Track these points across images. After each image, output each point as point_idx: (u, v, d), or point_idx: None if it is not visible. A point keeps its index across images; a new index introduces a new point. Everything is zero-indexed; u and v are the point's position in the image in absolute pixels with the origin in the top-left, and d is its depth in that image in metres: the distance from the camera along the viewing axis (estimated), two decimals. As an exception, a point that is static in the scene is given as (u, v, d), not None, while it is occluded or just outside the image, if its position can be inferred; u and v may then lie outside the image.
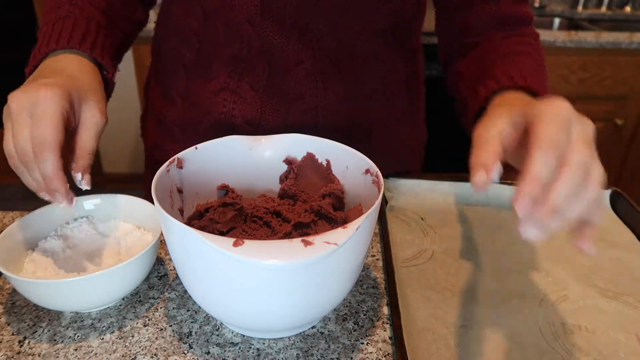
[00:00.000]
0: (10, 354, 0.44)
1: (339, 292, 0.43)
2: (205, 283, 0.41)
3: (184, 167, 0.50)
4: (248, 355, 0.44)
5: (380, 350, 0.45)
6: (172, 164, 0.49)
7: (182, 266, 0.42)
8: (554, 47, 1.73)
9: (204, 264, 0.39)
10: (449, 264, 0.55)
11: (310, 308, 0.42)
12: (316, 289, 0.40)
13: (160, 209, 0.40)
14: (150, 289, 0.52)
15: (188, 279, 0.43)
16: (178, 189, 0.50)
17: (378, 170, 0.47)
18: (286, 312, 0.41)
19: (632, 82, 1.81)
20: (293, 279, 0.38)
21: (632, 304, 0.50)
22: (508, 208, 0.65)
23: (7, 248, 0.49)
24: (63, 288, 0.44)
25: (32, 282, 0.44)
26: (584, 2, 2.22)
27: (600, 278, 0.53)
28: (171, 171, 0.49)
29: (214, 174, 0.54)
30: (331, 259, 0.37)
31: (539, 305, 0.49)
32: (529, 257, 0.56)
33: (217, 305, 0.42)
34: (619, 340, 0.46)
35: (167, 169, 0.48)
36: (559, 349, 0.44)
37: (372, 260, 0.57)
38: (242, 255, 0.34)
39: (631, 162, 1.99)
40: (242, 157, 0.54)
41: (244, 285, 0.39)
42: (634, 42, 1.72)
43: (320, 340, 0.46)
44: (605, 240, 0.60)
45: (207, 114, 0.64)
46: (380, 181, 0.46)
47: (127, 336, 0.46)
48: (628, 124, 1.89)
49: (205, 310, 0.47)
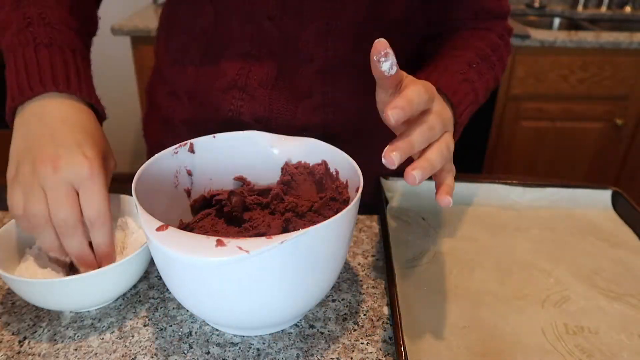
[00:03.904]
0: (10, 354, 0.44)
1: (269, 302, 0.41)
2: (164, 271, 0.43)
3: (197, 152, 0.53)
4: (248, 355, 0.44)
5: (380, 350, 0.45)
6: (182, 147, 0.51)
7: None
8: (554, 47, 1.73)
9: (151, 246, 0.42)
10: (450, 265, 0.55)
11: (243, 310, 0.41)
12: (235, 293, 0.39)
13: (134, 190, 0.42)
14: (150, 289, 0.52)
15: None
16: (188, 171, 0.53)
17: (360, 189, 0.44)
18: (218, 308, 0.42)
19: (632, 82, 1.81)
20: (204, 276, 0.39)
21: (634, 305, 0.50)
22: (509, 208, 0.65)
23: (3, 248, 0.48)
24: (60, 288, 0.44)
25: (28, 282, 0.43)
26: (584, 2, 2.22)
27: (602, 278, 0.53)
28: (180, 153, 0.51)
29: (231, 164, 0.55)
30: (245, 265, 0.37)
31: (541, 306, 0.49)
32: (531, 257, 0.56)
33: (169, 287, 0.44)
34: (621, 340, 0.46)
35: (175, 151, 0.51)
36: (561, 350, 0.44)
37: (372, 260, 0.57)
38: (158, 240, 0.36)
39: (631, 162, 1.99)
40: (261, 152, 0.55)
41: (172, 273, 0.41)
42: (634, 42, 1.72)
43: (320, 340, 0.46)
44: (606, 241, 0.60)
45: (215, 111, 0.64)
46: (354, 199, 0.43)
47: (127, 336, 0.46)
48: (628, 124, 1.89)
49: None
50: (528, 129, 1.89)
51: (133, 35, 1.74)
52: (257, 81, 0.62)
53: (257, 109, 0.63)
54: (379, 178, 0.67)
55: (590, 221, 0.63)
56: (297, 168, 0.54)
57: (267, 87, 0.62)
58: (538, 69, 1.78)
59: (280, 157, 0.55)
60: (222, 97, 0.63)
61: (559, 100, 1.84)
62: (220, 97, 0.63)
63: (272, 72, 0.61)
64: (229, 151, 0.54)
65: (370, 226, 0.63)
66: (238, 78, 0.62)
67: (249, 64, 0.62)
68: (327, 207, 0.52)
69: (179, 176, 0.52)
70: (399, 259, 0.55)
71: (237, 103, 0.63)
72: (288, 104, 0.62)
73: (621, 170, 2.02)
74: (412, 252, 0.57)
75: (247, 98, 0.62)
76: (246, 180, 0.56)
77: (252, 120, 0.63)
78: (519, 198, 0.66)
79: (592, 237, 0.60)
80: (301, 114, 0.63)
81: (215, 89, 0.63)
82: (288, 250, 0.37)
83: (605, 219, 0.64)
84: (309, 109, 0.63)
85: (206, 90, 0.64)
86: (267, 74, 0.61)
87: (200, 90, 0.65)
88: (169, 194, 0.51)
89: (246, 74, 0.62)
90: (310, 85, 0.62)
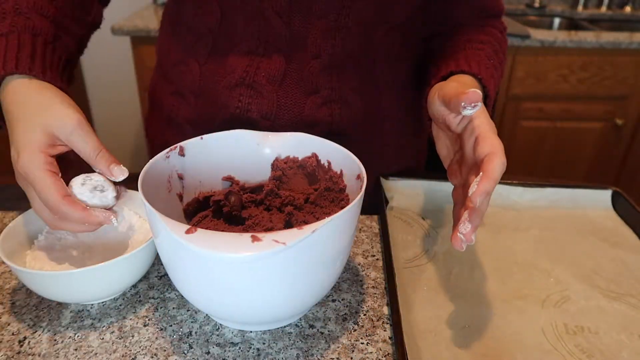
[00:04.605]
0: (10, 354, 0.44)
1: (300, 293, 0.43)
2: (172, 267, 0.43)
3: (186, 155, 0.52)
4: (248, 355, 0.44)
5: (380, 350, 0.45)
6: (173, 150, 0.51)
7: (158, 250, 0.45)
8: (554, 47, 1.73)
9: (166, 246, 0.41)
10: (450, 265, 0.55)
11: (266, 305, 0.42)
12: (269, 287, 0.40)
13: (142, 196, 0.42)
14: (150, 289, 0.52)
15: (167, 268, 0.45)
16: (179, 175, 0.52)
17: (365, 177, 0.46)
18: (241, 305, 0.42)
19: (632, 82, 1.81)
20: (238, 273, 0.39)
21: (634, 305, 0.50)
22: (509, 208, 0.65)
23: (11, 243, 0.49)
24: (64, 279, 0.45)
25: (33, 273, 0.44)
26: (584, 2, 2.22)
27: (602, 278, 0.53)
28: (171, 157, 0.51)
29: (219, 164, 0.55)
30: (279, 258, 0.37)
31: (541, 306, 0.49)
32: (531, 257, 0.56)
33: (183, 289, 0.44)
34: (622, 340, 0.46)
35: (166, 155, 0.50)
36: (561, 350, 0.44)
37: (372, 260, 0.57)
38: (192, 242, 0.36)
39: (631, 162, 1.99)
40: (249, 151, 0.55)
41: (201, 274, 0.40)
42: (634, 42, 1.72)
43: (320, 340, 0.46)
44: (606, 241, 0.60)
45: (221, 109, 0.64)
46: (362, 187, 0.45)
47: (127, 336, 0.46)
48: (628, 124, 1.89)
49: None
50: (528, 129, 1.89)
51: (133, 35, 1.74)
52: (265, 78, 0.62)
53: (264, 106, 0.63)
54: (379, 178, 0.67)
55: (590, 221, 0.63)
56: (286, 163, 0.55)
57: (275, 83, 0.62)
58: (538, 69, 1.78)
59: (269, 153, 0.55)
60: (229, 94, 0.63)
61: (559, 100, 1.84)
62: (228, 94, 0.63)
63: (280, 68, 0.62)
64: (217, 152, 0.54)
65: (370, 226, 0.63)
66: (246, 75, 0.62)
67: (256, 61, 0.62)
68: (322, 197, 0.53)
69: (171, 181, 0.52)
70: (399, 259, 0.55)
71: (245, 100, 0.63)
72: (295, 100, 0.63)
73: (621, 170, 2.02)
74: (412, 252, 0.57)
75: (255, 95, 0.63)
76: (234, 179, 0.56)
77: (259, 117, 0.63)
78: (519, 198, 0.66)
79: (592, 237, 0.60)
80: (308, 110, 0.63)
81: (222, 86, 0.64)
82: (319, 238, 0.38)
83: (605, 219, 0.64)
84: (316, 105, 0.63)
85: (213, 89, 0.64)
86: (275, 70, 0.62)
87: (207, 89, 0.65)
88: (164, 200, 0.51)
89: (254, 71, 0.62)
90: (317, 82, 0.62)
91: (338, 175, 0.52)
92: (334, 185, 0.52)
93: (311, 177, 0.55)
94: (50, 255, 0.51)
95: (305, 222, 0.50)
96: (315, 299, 0.45)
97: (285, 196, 0.53)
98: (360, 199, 0.42)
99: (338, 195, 0.52)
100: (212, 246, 0.35)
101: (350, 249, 0.47)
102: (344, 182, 0.52)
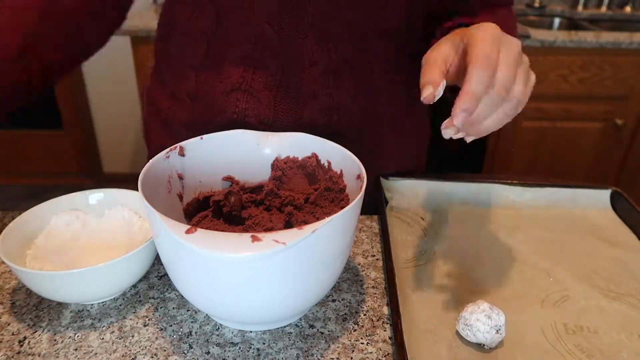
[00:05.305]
0: (10, 354, 0.44)
1: (300, 293, 0.43)
2: (172, 267, 0.43)
3: (186, 155, 0.52)
4: (248, 355, 0.44)
5: (380, 350, 0.45)
6: (172, 150, 0.51)
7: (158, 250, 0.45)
8: (554, 47, 1.73)
9: (166, 246, 0.41)
10: (449, 265, 0.55)
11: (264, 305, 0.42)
12: (269, 287, 0.40)
13: (142, 196, 0.42)
14: (150, 289, 0.52)
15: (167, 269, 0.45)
16: (179, 175, 0.52)
17: (365, 177, 0.47)
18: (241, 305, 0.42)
19: (632, 82, 1.81)
20: (238, 273, 0.39)
21: (634, 305, 0.50)
22: (508, 208, 0.65)
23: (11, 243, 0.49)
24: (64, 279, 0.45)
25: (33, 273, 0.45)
26: (584, 2, 2.22)
27: (601, 278, 0.53)
28: (171, 157, 0.51)
29: (219, 164, 0.55)
30: (279, 258, 0.37)
31: (540, 306, 0.49)
32: (530, 257, 0.56)
33: (183, 289, 0.44)
34: (621, 340, 0.46)
35: (166, 155, 0.51)
36: (561, 350, 0.44)
37: (372, 260, 0.57)
38: (191, 242, 0.36)
39: (631, 162, 1.99)
40: (248, 151, 0.55)
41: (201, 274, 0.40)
42: (634, 42, 1.72)
43: (320, 340, 0.46)
44: (606, 241, 0.60)
45: (218, 114, 0.64)
46: (362, 187, 0.45)
47: (127, 336, 0.46)
48: (628, 124, 1.88)
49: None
50: (528, 129, 1.89)
51: (133, 35, 1.74)
52: (261, 84, 0.62)
53: (262, 111, 0.63)
54: (379, 178, 0.67)
55: (589, 221, 0.63)
56: (286, 163, 0.55)
57: (272, 89, 0.62)
58: (538, 69, 1.76)
59: (269, 153, 0.56)
60: (226, 99, 0.63)
61: (559, 100, 1.84)
62: (224, 99, 0.63)
63: (276, 74, 0.61)
64: (217, 152, 0.55)
65: (370, 226, 0.63)
66: (242, 81, 0.62)
67: (252, 67, 0.62)
68: (322, 197, 0.53)
69: (171, 181, 0.52)
70: (399, 259, 0.55)
71: (242, 105, 0.63)
72: (293, 106, 0.62)
73: (621, 170, 2.01)
74: (412, 252, 0.57)
75: (252, 100, 0.62)
76: (234, 179, 0.56)
77: (256, 122, 0.63)
78: (519, 198, 0.66)
79: (591, 237, 0.60)
80: (307, 116, 0.63)
81: (218, 91, 0.63)
82: (319, 238, 0.38)
83: (604, 219, 0.64)
84: (314, 111, 0.63)
85: (209, 93, 0.64)
86: (272, 76, 0.61)
87: (203, 93, 0.65)
88: (164, 201, 0.51)
89: (250, 76, 0.62)
90: (315, 87, 0.62)
91: (338, 175, 0.52)
92: (334, 185, 0.52)
93: (311, 177, 0.55)
94: (50, 256, 0.51)
95: (305, 222, 0.50)
96: (315, 299, 0.45)
97: (285, 196, 0.53)
98: (360, 199, 0.42)
99: (338, 195, 0.52)
100: (212, 246, 0.35)
101: (350, 249, 0.47)
102: (344, 182, 0.52)
